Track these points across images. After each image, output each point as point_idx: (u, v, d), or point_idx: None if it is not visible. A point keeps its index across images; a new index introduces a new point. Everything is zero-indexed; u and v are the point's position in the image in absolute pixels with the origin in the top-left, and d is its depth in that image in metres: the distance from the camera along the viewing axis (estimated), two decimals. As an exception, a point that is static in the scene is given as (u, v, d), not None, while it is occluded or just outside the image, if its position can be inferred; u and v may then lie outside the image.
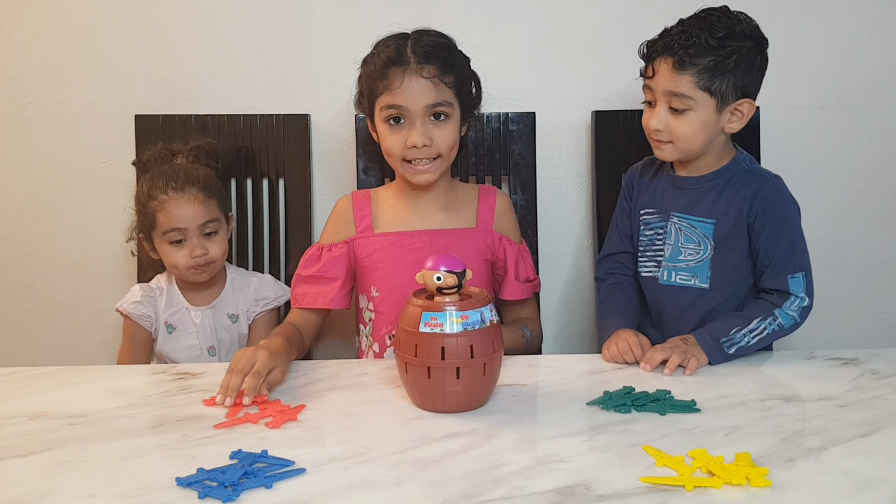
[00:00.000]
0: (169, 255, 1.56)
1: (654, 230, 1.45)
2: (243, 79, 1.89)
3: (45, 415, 1.12)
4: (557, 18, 1.89)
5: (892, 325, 2.01)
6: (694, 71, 1.28)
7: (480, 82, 1.52)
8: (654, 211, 1.45)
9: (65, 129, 1.91)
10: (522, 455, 0.98)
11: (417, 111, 1.38)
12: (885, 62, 1.91)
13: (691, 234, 1.38)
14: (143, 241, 1.62)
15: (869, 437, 1.01)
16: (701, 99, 1.30)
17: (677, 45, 1.29)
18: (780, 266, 1.34)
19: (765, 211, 1.34)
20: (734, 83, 1.30)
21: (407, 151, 1.41)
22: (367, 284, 1.51)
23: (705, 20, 1.31)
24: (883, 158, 1.95)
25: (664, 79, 1.31)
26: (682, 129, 1.31)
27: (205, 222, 1.55)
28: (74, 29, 1.87)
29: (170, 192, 1.54)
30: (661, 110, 1.33)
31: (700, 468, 0.93)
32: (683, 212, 1.39)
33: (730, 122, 1.33)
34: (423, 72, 1.37)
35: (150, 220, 1.56)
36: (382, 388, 1.22)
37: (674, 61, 1.29)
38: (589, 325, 2.00)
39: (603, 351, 1.34)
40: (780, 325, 1.31)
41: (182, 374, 1.29)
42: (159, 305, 1.62)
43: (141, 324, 1.61)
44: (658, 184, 1.46)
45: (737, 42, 1.30)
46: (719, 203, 1.37)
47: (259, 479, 0.91)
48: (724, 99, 1.30)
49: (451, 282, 1.09)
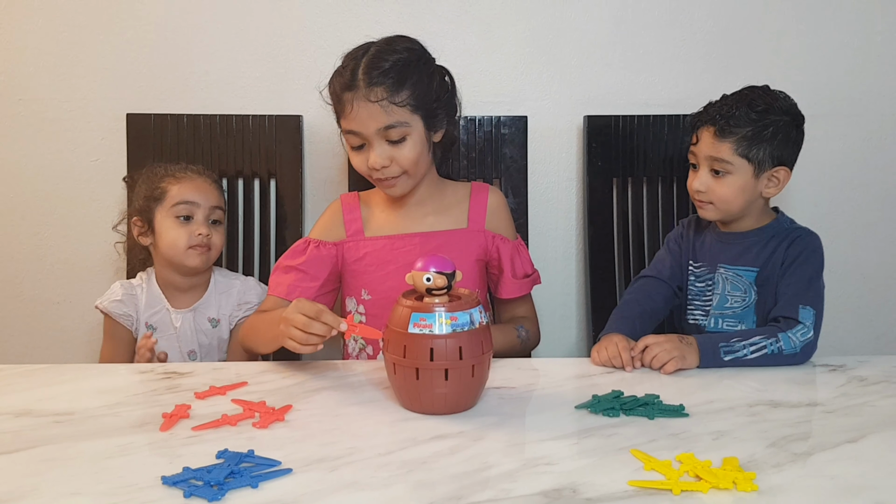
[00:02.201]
0: (170, 231, 1.55)
1: (705, 282, 1.51)
2: (236, 79, 1.89)
3: (31, 412, 1.12)
4: (550, 23, 1.89)
5: (880, 332, 2.02)
6: (733, 139, 1.39)
7: (452, 77, 1.49)
8: (702, 264, 1.52)
9: (56, 126, 1.90)
10: (510, 458, 0.98)
11: (371, 134, 1.38)
12: (875, 71, 1.93)
13: (737, 282, 1.46)
14: (135, 223, 1.60)
15: (856, 443, 1.02)
16: (739, 164, 1.40)
17: (719, 116, 1.41)
18: (794, 297, 1.38)
19: (793, 251, 1.42)
20: (771, 152, 1.40)
21: (371, 171, 1.41)
22: (358, 287, 1.50)
23: (747, 96, 1.42)
24: (872, 166, 1.96)
25: (706, 145, 1.42)
26: (722, 191, 1.42)
27: (214, 206, 1.58)
28: (67, 26, 1.86)
29: (188, 171, 1.59)
30: (704, 173, 1.44)
31: (687, 472, 0.93)
32: (730, 263, 1.47)
33: (767, 188, 1.44)
34: (371, 95, 1.35)
35: (158, 194, 1.56)
36: (370, 388, 1.22)
37: (715, 130, 1.41)
38: (578, 329, 2.00)
39: (592, 354, 1.35)
40: (780, 349, 1.31)
41: (169, 374, 1.28)
42: (140, 304, 1.60)
43: (121, 322, 1.59)
44: (704, 239, 1.53)
45: (774, 116, 1.41)
46: (763, 253, 1.45)
47: (245, 479, 0.91)
48: (762, 166, 1.41)
49: (441, 283, 1.09)
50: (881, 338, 2.02)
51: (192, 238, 1.54)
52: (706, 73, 1.92)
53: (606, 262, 1.89)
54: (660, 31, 1.90)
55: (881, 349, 2.01)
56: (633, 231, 1.89)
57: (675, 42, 1.91)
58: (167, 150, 1.81)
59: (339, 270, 1.51)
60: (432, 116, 1.43)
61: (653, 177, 1.88)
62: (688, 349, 1.30)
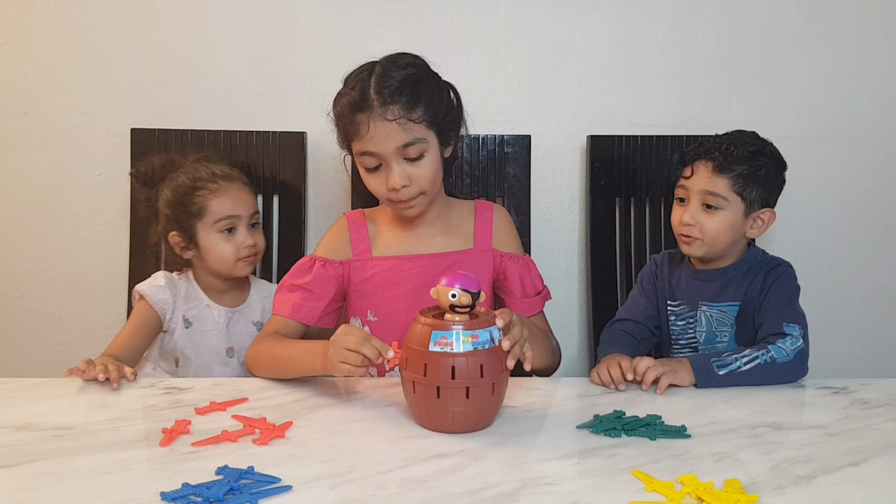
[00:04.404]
0: (218, 247, 1.55)
1: (686, 320, 1.51)
2: (240, 95, 1.90)
3: (31, 426, 1.11)
4: (554, 43, 1.90)
5: (882, 354, 2.02)
6: (731, 175, 1.42)
7: (458, 93, 1.46)
8: (682, 302, 1.52)
9: (60, 140, 1.91)
10: (511, 477, 0.97)
11: (390, 154, 1.35)
12: (878, 95, 1.93)
13: (722, 318, 1.47)
14: (175, 238, 1.58)
15: (858, 467, 1.01)
16: (733, 201, 1.42)
17: (717, 153, 1.43)
18: (777, 317, 1.39)
19: (769, 279, 1.44)
20: (760, 193, 1.44)
21: (390, 194, 1.39)
22: (364, 308, 1.48)
23: (739, 137, 1.46)
24: (875, 189, 1.96)
25: (702, 179, 1.43)
26: (712, 226, 1.43)
27: (253, 212, 1.58)
28: (72, 41, 1.88)
29: (220, 181, 1.56)
30: (694, 207, 1.44)
31: (689, 494, 0.92)
32: (712, 301, 1.48)
33: (751, 228, 1.46)
34: (388, 114, 1.32)
35: (196, 210, 1.55)
36: (371, 406, 1.21)
37: (714, 165, 1.43)
38: (580, 349, 2.00)
39: (592, 373, 1.34)
40: (772, 358, 1.31)
41: (170, 389, 1.28)
42: (179, 296, 1.59)
43: (156, 309, 1.56)
44: (680, 277, 1.53)
45: (766, 158, 1.44)
46: (741, 287, 1.46)
47: (244, 496, 0.90)
48: (752, 205, 1.44)
49: (466, 301, 1.08)
50: (884, 359, 2.02)
51: (240, 251, 1.55)
52: (709, 95, 1.93)
53: (608, 280, 1.89)
54: (663, 52, 1.91)
55: (883, 372, 2.00)
56: (635, 251, 1.89)
57: (679, 63, 1.92)
58: (171, 165, 1.82)
59: (344, 290, 1.49)
60: (445, 131, 1.41)
61: (655, 197, 1.88)
62: (678, 365, 1.31)
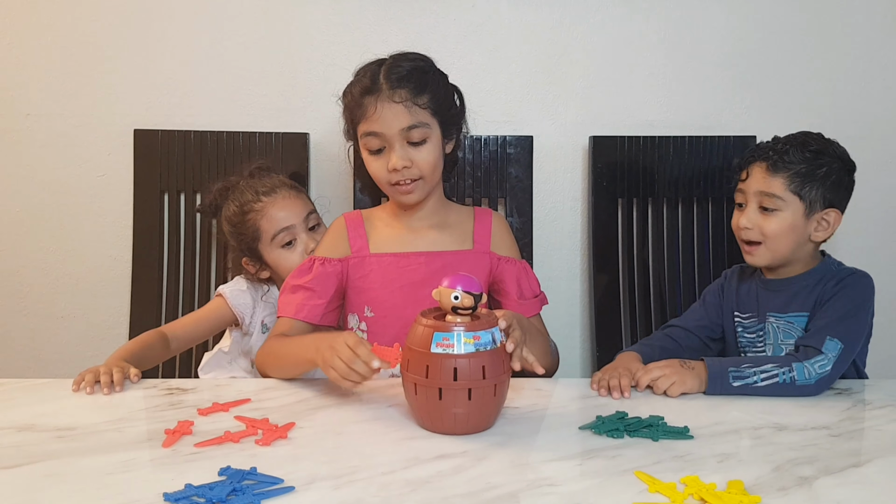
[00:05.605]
0: (284, 261, 1.56)
1: (755, 332, 1.47)
2: (243, 96, 1.90)
3: (33, 427, 1.11)
4: (556, 44, 1.90)
5: (885, 357, 2.01)
6: (786, 174, 1.37)
7: (462, 96, 1.52)
8: (749, 315, 1.48)
9: (63, 142, 1.91)
10: (513, 478, 0.97)
11: (394, 135, 1.40)
12: (879, 95, 1.93)
13: (790, 330, 1.42)
14: (247, 265, 1.60)
15: (861, 468, 1.01)
16: (790, 201, 1.38)
17: (772, 152, 1.39)
18: (823, 328, 1.33)
19: (838, 287, 1.38)
20: (823, 193, 1.38)
21: (390, 175, 1.42)
22: (360, 304, 1.50)
23: (801, 137, 1.41)
24: (876, 190, 1.96)
25: (757, 181, 1.40)
26: (771, 228, 1.38)
27: (307, 215, 1.58)
28: (75, 42, 1.88)
29: (262, 198, 1.56)
30: (752, 210, 1.41)
31: (692, 495, 0.92)
32: (780, 311, 1.43)
33: (816, 231, 1.40)
34: (395, 96, 1.39)
35: (252, 234, 1.56)
36: (373, 407, 1.21)
37: (768, 165, 1.39)
38: (581, 350, 2.00)
39: (594, 376, 1.33)
40: (792, 378, 1.26)
41: (172, 389, 1.28)
42: (258, 302, 1.61)
43: (234, 311, 1.59)
44: (749, 288, 1.49)
45: (828, 158, 1.39)
46: (811, 297, 1.40)
47: (247, 497, 0.90)
48: (812, 206, 1.38)
49: (468, 303, 1.08)
50: (886, 361, 2.00)
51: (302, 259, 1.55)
52: (711, 95, 1.93)
53: (611, 281, 1.89)
54: (666, 53, 1.91)
55: (886, 373, 1.99)
56: (637, 252, 1.89)
57: (681, 63, 1.92)
58: (174, 166, 1.83)
59: (343, 287, 1.51)
60: (448, 124, 1.46)
61: (658, 198, 1.88)
62: (688, 374, 1.28)
